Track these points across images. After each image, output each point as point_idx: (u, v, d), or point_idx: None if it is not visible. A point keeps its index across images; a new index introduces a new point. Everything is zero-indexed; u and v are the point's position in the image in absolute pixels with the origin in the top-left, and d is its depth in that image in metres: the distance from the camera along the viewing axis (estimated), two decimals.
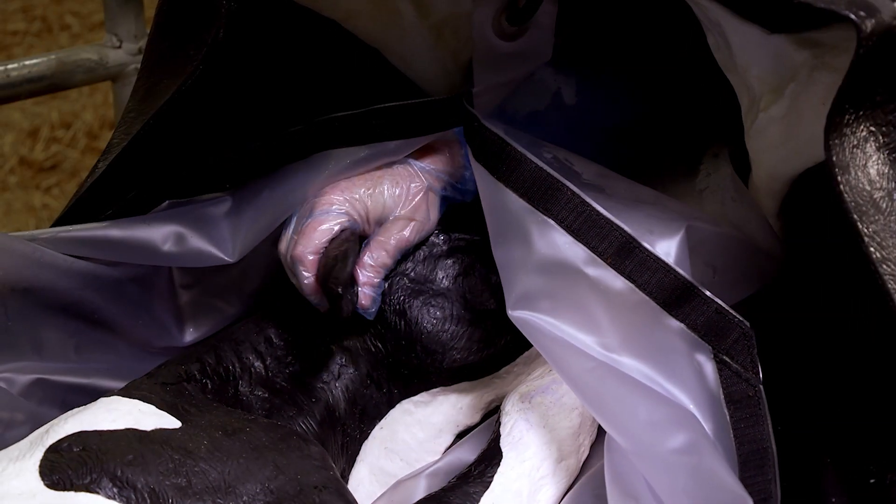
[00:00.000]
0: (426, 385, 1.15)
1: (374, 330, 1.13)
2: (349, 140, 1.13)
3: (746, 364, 0.96)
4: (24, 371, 1.11)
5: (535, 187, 1.01)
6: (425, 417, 1.15)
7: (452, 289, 1.13)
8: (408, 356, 1.12)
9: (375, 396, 1.15)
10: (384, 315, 1.12)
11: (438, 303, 1.12)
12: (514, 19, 1.12)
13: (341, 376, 1.13)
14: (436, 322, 1.12)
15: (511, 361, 1.15)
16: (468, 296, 1.13)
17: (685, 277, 0.97)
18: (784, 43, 0.96)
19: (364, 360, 1.13)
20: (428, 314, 1.12)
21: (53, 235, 1.10)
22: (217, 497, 0.95)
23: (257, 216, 1.13)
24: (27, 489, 0.93)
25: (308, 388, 1.12)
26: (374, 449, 1.15)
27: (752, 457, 0.95)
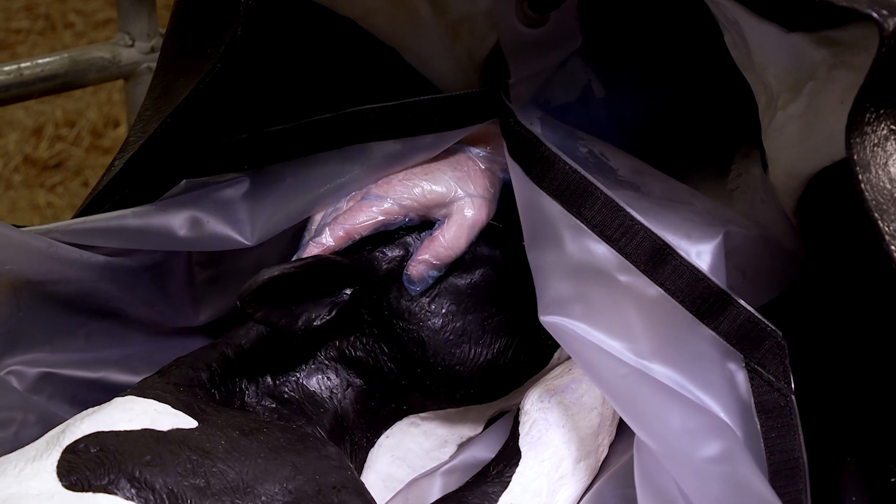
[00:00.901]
0: (435, 407, 1.15)
1: (390, 353, 1.11)
2: (382, 133, 1.12)
3: (778, 374, 0.96)
4: (35, 364, 1.11)
5: (567, 190, 1.01)
6: (431, 429, 1.15)
7: (471, 319, 1.11)
8: (422, 384, 1.12)
9: (384, 410, 1.14)
10: (402, 342, 1.11)
11: (457, 335, 1.11)
12: (535, 6, 1.11)
13: (350, 389, 1.12)
14: (452, 356, 1.10)
15: (520, 386, 1.15)
16: (487, 325, 1.11)
17: (719, 286, 0.96)
18: (802, 41, 0.96)
19: (376, 378, 1.12)
20: (445, 348, 1.10)
21: (69, 227, 1.09)
22: (235, 497, 0.94)
23: (281, 203, 1.12)
24: (45, 490, 0.92)
25: (317, 399, 1.11)
26: (382, 457, 1.15)
27: (782, 467, 0.94)
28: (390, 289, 1.11)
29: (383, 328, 1.11)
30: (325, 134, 1.13)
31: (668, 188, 1.10)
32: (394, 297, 1.11)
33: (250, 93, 1.16)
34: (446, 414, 1.15)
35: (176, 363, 1.11)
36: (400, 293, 1.11)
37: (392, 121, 1.12)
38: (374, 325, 1.11)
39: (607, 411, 1.07)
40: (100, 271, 1.11)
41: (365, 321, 1.12)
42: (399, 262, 1.11)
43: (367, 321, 1.11)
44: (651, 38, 1.28)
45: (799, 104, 0.99)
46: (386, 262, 1.11)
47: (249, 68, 1.12)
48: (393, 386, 1.12)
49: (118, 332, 1.16)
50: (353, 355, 1.12)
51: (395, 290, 1.11)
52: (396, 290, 1.11)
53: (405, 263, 1.11)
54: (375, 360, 1.12)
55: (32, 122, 2.76)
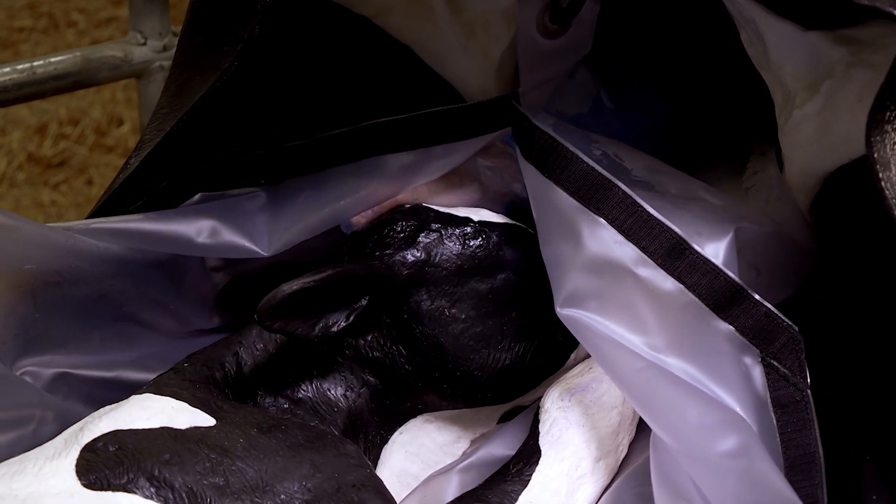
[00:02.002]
0: (450, 407, 1.15)
1: (409, 357, 1.11)
2: (396, 145, 1.13)
3: (794, 368, 0.96)
4: (50, 365, 1.11)
5: (586, 186, 1.02)
6: (445, 425, 1.16)
7: (491, 325, 1.11)
8: (439, 386, 1.12)
9: (398, 409, 1.14)
10: (421, 346, 1.11)
11: (476, 341, 1.10)
12: (557, 18, 1.12)
13: (364, 388, 1.12)
14: (471, 362, 1.10)
15: (533, 388, 1.15)
16: (506, 330, 1.11)
17: (735, 280, 0.97)
18: (820, 40, 0.96)
19: (392, 378, 1.12)
20: (465, 353, 1.10)
21: (87, 226, 1.10)
22: (255, 496, 0.94)
23: (298, 216, 1.12)
24: (65, 488, 0.92)
25: (331, 398, 1.11)
26: (395, 453, 1.15)
27: (798, 461, 0.95)
28: (411, 293, 1.11)
29: (402, 331, 1.11)
30: (341, 148, 1.14)
31: (683, 185, 1.10)
32: (414, 302, 1.11)
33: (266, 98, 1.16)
34: (461, 412, 1.15)
35: (189, 360, 1.11)
36: (420, 298, 1.10)
37: (405, 132, 1.13)
38: (393, 328, 1.11)
39: (627, 411, 1.08)
40: (116, 266, 1.11)
41: (384, 323, 1.11)
42: (420, 266, 1.11)
43: (386, 323, 1.11)
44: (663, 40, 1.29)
45: (816, 102, 0.99)
46: (406, 267, 1.11)
47: (265, 68, 1.12)
48: (409, 386, 1.12)
49: (132, 336, 1.16)
50: (370, 355, 1.12)
51: (415, 294, 1.11)
52: (417, 294, 1.11)
53: (426, 269, 1.11)
54: (393, 361, 1.12)
55: (36, 120, 2.76)
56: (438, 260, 1.11)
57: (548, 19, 1.12)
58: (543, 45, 1.13)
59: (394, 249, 1.11)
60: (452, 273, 1.11)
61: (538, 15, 1.11)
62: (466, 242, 1.13)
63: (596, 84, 1.28)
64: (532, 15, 1.11)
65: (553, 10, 1.12)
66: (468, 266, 1.12)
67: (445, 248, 1.12)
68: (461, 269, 1.12)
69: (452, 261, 1.12)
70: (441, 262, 1.11)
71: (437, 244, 1.12)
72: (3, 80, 1.42)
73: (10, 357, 1.08)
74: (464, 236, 1.13)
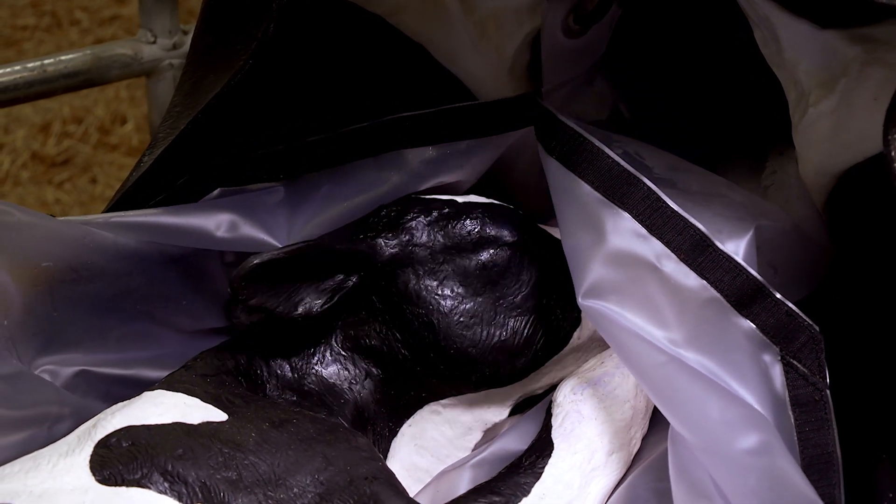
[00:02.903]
0: (454, 392, 1.14)
1: (403, 339, 1.11)
2: (418, 140, 1.14)
3: (814, 368, 0.96)
4: (68, 363, 1.11)
5: (610, 181, 1.02)
6: (454, 417, 1.15)
7: (482, 301, 1.12)
8: (436, 368, 1.12)
9: (403, 398, 1.14)
10: (413, 327, 1.11)
11: (468, 317, 1.11)
12: (581, 19, 1.13)
13: (368, 379, 1.13)
14: (464, 338, 1.10)
15: (540, 367, 1.15)
16: (499, 306, 1.12)
17: (757, 278, 0.97)
18: (835, 38, 0.96)
19: (392, 365, 1.12)
20: (457, 330, 1.10)
21: (106, 220, 1.09)
22: (268, 490, 0.94)
23: (318, 210, 1.12)
24: (79, 485, 0.93)
25: (336, 390, 1.12)
26: (404, 446, 1.15)
27: (815, 461, 0.95)
28: (397, 274, 1.11)
29: (394, 314, 1.11)
30: (361, 143, 1.14)
31: (705, 183, 1.11)
32: (402, 283, 1.11)
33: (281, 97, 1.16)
34: (469, 400, 1.15)
35: (201, 356, 1.12)
36: (407, 278, 1.11)
37: (427, 128, 1.13)
38: (386, 312, 1.12)
39: (640, 404, 1.08)
40: (133, 263, 1.11)
41: (377, 308, 1.12)
42: (404, 246, 1.12)
43: (378, 308, 1.12)
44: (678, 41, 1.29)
45: (831, 101, 0.99)
46: (390, 247, 1.12)
47: (279, 66, 1.12)
48: (409, 373, 1.12)
49: (148, 334, 1.15)
50: (367, 344, 1.12)
51: (402, 274, 1.11)
52: (403, 274, 1.11)
53: (411, 248, 1.12)
54: (390, 348, 1.12)
55: (40, 118, 2.76)
56: (423, 238, 1.12)
57: (572, 20, 1.13)
58: (565, 44, 1.14)
59: (376, 232, 1.12)
60: (437, 251, 1.12)
61: (564, 16, 1.12)
62: (450, 221, 1.13)
63: (614, 93, 1.29)
64: (558, 15, 1.12)
65: (577, 12, 1.12)
66: (453, 243, 1.12)
67: (429, 226, 1.13)
68: (446, 247, 1.12)
69: (437, 239, 1.12)
70: (425, 241, 1.12)
71: (420, 224, 1.13)
72: (13, 78, 1.42)
73: (29, 355, 1.08)
74: (447, 216, 1.13)
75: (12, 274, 1.06)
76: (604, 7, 1.13)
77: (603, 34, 1.17)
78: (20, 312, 1.08)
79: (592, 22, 1.14)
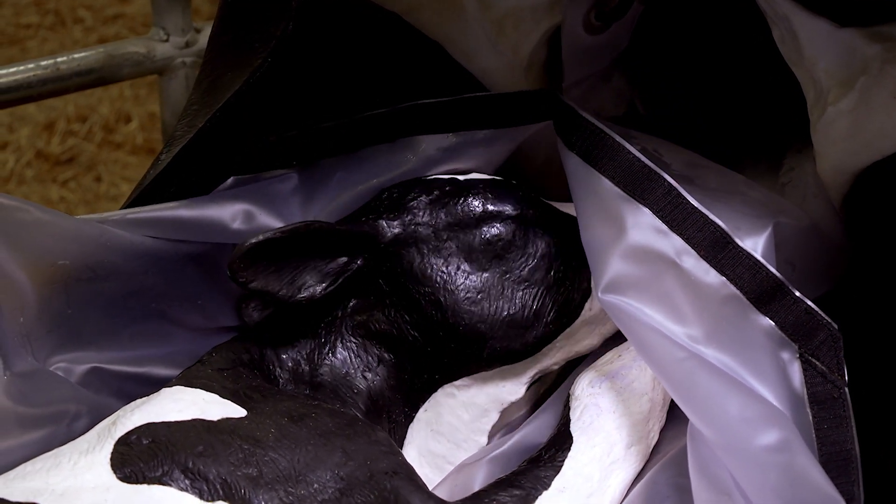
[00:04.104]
0: (467, 372, 1.14)
1: (412, 320, 1.12)
2: (437, 126, 1.14)
3: (832, 366, 0.96)
4: (82, 361, 1.11)
5: (631, 176, 1.03)
6: (469, 399, 1.15)
7: (489, 276, 1.12)
8: (446, 346, 1.12)
9: (417, 383, 1.14)
10: (420, 306, 1.11)
11: (475, 292, 1.11)
12: (603, 16, 1.13)
13: (381, 365, 1.13)
14: (472, 314, 1.11)
15: (552, 340, 1.14)
16: (506, 281, 1.12)
17: (777, 275, 0.97)
18: (855, 36, 0.97)
19: (403, 349, 1.13)
20: (464, 306, 1.11)
21: (122, 217, 1.10)
22: (288, 485, 0.95)
23: (332, 197, 1.13)
24: (101, 482, 0.93)
25: (349, 380, 1.12)
26: (421, 431, 1.15)
27: (833, 458, 0.95)
28: (401, 254, 1.11)
29: (401, 295, 1.11)
30: (376, 128, 1.14)
31: (723, 180, 1.11)
32: (406, 262, 1.11)
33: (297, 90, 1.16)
34: (483, 380, 1.15)
35: (215, 350, 1.12)
36: (411, 257, 1.11)
37: (445, 116, 1.13)
38: (393, 294, 1.12)
39: (657, 397, 1.08)
40: (148, 262, 1.11)
41: (384, 292, 1.12)
42: (407, 225, 1.12)
43: (385, 291, 1.12)
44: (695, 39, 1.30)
45: (850, 99, 1.00)
46: (393, 227, 1.12)
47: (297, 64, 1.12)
48: (421, 355, 1.13)
49: (161, 333, 1.16)
50: (377, 329, 1.13)
51: (406, 254, 1.11)
52: (408, 254, 1.11)
53: (413, 227, 1.12)
54: (400, 330, 1.12)
55: (44, 117, 2.75)
56: (425, 217, 1.12)
57: (593, 17, 1.13)
58: (586, 40, 1.15)
59: (378, 213, 1.13)
60: (441, 228, 1.12)
61: (585, 12, 1.12)
62: (452, 198, 1.13)
63: (631, 89, 1.30)
64: (580, 12, 1.12)
65: (599, 8, 1.13)
66: (456, 220, 1.13)
67: (431, 205, 1.13)
68: (449, 224, 1.12)
69: (439, 216, 1.13)
70: (428, 220, 1.12)
71: (422, 203, 1.13)
72: (27, 76, 1.42)
73: (44, 353, 1.08)
74: (449, 193, 1.14)
75: (28, 271, 1.07)
76: (626, 4, 1.13)
77: (624, 30, 1.18)
78: (35, 310, 1.08)
79: (614, 19, 1.15)
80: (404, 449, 1.15)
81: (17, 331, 1.06)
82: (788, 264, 1.08)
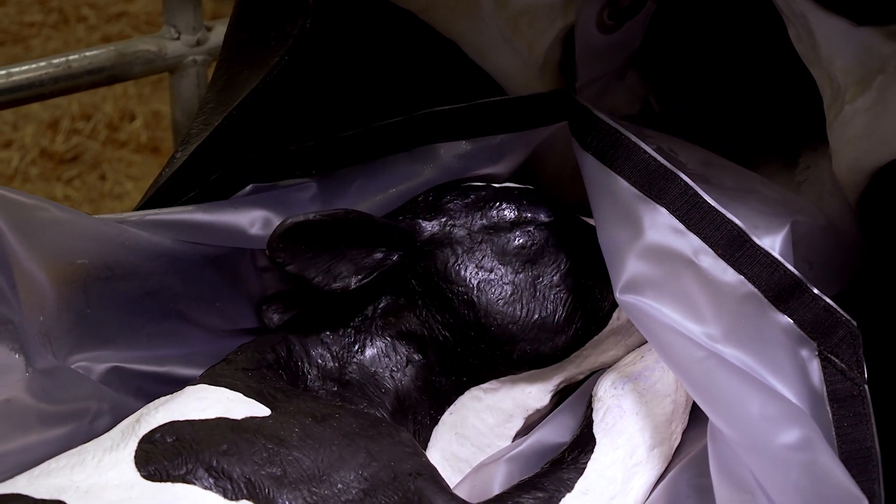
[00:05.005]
0: (495, 374, 1.15)
1: (443, 320, 1.13)
2: (451, 134, 1.14)
3: (852, 363, 0.97)
4: (101, 360, 1.12)
5: (647, 176, 1.03)
6: (495, 403, 1.15)
7: (521, 279, 1.13)
8: (476, 347, 1.12)
9: (444, 384, 1.15)
10: (453, 305, 1.12)
11: (507, 294, 1.12)
12: (616, 15, 1.13)
13: (409, 365, 1.13)
14: (504, 315, 1.11)
15: (580, 347, 1.15)
16: (538, 285, 1.13)
17: (795, 273, 0.98)
18: (872, 35, 0.97)
19: (432, 349, 1.13)
20: (497, 306, 1.12)
21: (141, 218, 1.10)
22: (312, 485, 0.95)
23: (350, 205, 1.13)
24: (125, 480, 0.93)
25: (377, 379, 1.12)
26: (445, 434, 1.16)
27: (853, 456, 0.95)
28: (436, 254, 1.12)
29: (434, 295, 1.12)
30: (394, 137, 1.15)
31: (739, 178, 1.12)
32: (440, 262, 1.12)
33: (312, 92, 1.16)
34: (510, 386, 1.15)
35: (240, 349, 1.12)
36: (446, 257, 1.12)
37: (460, 122, 1.14)
38: (425, 295, 1.13)
39: (680, 398, 1.08)
40: (167, 262, 1.11)
41: (416, 292, 1.13)
42: (443, 226, 1.13)
43: (417, 291, 1.13)
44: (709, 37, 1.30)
45: (868, 98, 1.00)
46: (429, 227, 1.13)
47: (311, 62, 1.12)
48: (450, 356, 1.13)
49: (179, 333, 1.16)
50: (407, 329, 1.13)
51: (441, 254, 1.12)
52: (443, 254, 1.12)
53: (449, 228, 1.13)
54: (430, 331, 1.13)
55: (49, 115, 2.76)
56: (460, 219, 1.14)
57: (606, 16, 1.14)
58: (600, 39, 1.15)
59: (415, 214, 1.14)
60: (475, 231, 1.14)
61: (598, 10, 1.13)
62: (488, 202, 1.15)
63: (645, 88, 1.30)
64: (593, 11, 1.13)
65: (612, 7, 1.13)
66: (490, 223, 1.14)
67: (467, 208, 1.15)
68: (484, 226, 1.14)
69: (475, 219, 1.14)
70: (463, 222, 1.14)
71: (458, 206, 1.15)
72: (39, 74, 1.43)
73: (63, 352, 1.09)
74: (484, 198, 1.15)
75: (47, 270, 1.07)
76: (639, 2, 1.14)
77: (637, 29, 1.18)
78: (55, 308, 1.08)
79: (627, 17, 1.15)
80: (428, 451, 1.15)
81: (36, 329, 1.06)
82: (805, 262, 1.08)
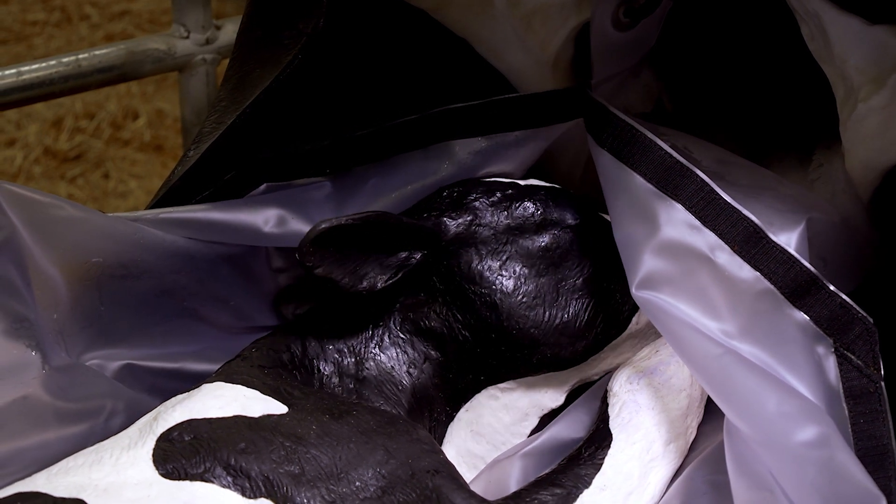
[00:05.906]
0: (513, 375, 1.15)
1: (464, 319, 1.12)
2: (467, 131, 1.15)
3: (868, 360, 0.97)
4: (115, 357, 1.12)
5: (663, 172, 1.03)
6: (511, 402, 1.15)
7: (545, 282, 1.12)
8: (496, 349, 1.12)
9: (461, 382, 1.15)
10: (475, 306, 1.12)
11: (530, 297, 1.12)
12: (631, 13, 1.14)
13: (427, 362, 1.13)
14: (527, 319, 1.11)
15: (598, 351, 1.16)
16: (561, 288, 1.13)
17: (811, 270, 0.98)
18: (886, 34, 0.98)
19: (451, 348, 1.13)
20: (520, 310, 1.11)
21: (155, 217, 1.11)
22: (330, 483, 0.95)
23: (366, 203, 1.14)
24: (143, 478, 0.93)
25: (394, 376, 1.12)
26: (461, 431, 1.16)
27: (870, 453, 0.95)
28: (460, 253, 1.12)
29: (456, 294, 1.12)
30: (409, 135, 1.15)
31: (754, 176, 1.12)
32: (464, 262, 1.12)
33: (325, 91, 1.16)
34: (526, 385, 1.15)
35: (256, 345, 1.11)
36: (470, 257, 1.12)
37: (476, 119, 1.14)
38: (447, 293, 1.12)
39: (695, 393, 1.09)
40: (181, 261, 1.11)
41: (437, 289, 1.13)
42: (468, 225, 1.13)
43: (439, 289, 1.13)
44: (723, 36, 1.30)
45: (882, 96, 1.00)
46: (454, 226, 1.13)
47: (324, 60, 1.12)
48: (469, 355, 1.13)
49: (192, 331, 1.16)
50: (427, 326, 1.13)
51: (465, 254, 1.12)
52: (466, 254, 1.12)
53: (474, 227, 1.13)
54: (450, 329, 1.13)
55: (52, 114, 2.75)
56: (486, 219, 1.14)
57: (622, 13, 1.14)
58: (615, 37, 1.15)
59: (440, 211, 1.14)
60: (501, 231, 1.13)
61: (614, 8, 1.13)
62: (513, 202, 1.15)
63: (659, 86, 1.30)
64: (608, 8, 1.13)
65: (628, 5, 1.13)
66: (516, 224, 1.14)
67: (492, 207, 1.14)
68: (509, 227, 1.13)
69: (500, 219, 1.14)
70: (489, 221, 1.14)
71: (483, 204, 1.14)
72: (49, 73, 1.43)
73: (77, 350, 1.09)
74: (510, 197, 1.15)
75: (61, 268, 1.07)
76: (655, 0, 1.14)
77: (653, 27, 1.18)
78: (69, 306, 1.09)
79: (643, 15, 1.15)
80: (443, 447, 1.15)
81: (51, 327, 1.07)
82: (820, 259, 1.08)
